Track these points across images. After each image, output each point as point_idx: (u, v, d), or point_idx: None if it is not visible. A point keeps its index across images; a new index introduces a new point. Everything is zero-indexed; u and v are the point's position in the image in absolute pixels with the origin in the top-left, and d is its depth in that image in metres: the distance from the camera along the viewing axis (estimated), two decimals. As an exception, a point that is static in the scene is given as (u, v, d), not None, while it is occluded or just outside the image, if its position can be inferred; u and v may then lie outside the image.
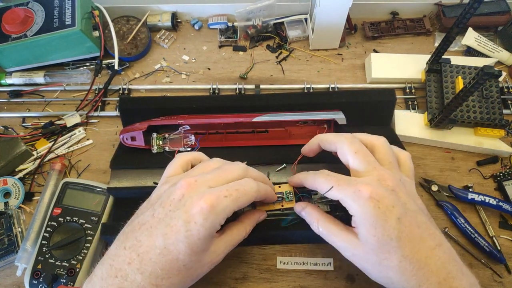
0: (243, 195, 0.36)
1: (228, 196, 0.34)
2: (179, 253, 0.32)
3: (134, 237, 0.33)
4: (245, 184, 0.36)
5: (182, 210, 0.33)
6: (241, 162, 0.41)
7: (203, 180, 0.36)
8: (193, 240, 0.32)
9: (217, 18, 0.69)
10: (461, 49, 0.67)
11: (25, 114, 0.61)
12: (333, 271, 0.48)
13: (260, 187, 0.38)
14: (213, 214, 0.33)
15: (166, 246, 0.32)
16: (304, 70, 0.66)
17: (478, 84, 0.44)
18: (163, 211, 0.34)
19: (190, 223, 0.32)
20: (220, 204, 0.33)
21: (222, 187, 0.35)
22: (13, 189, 0.54)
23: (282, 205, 0.44)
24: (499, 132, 0.56)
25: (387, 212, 0.33)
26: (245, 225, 0.40)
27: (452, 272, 0.34)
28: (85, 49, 0.64)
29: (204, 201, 0.32)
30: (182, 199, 0.34)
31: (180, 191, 0.34)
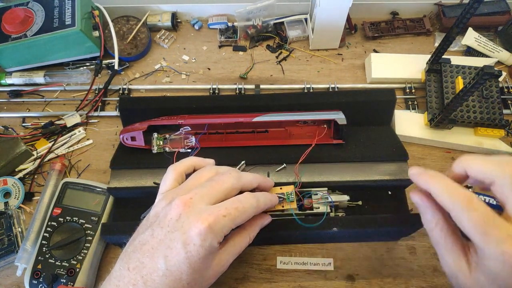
0: (242, 213, 0.35)
1: (227, 215, 0.34)
2: (182, 273, 0.32)
3: (136, 258, 0.33)
4: (245, 202, 0.36)
5: (180, 232, 0.32)
6: (233, 169, 0.40)
7: (198, 196, 0.35)
8: (194, 260, 0.32)
9: (217, 18, 0.69)
10: (461, 49, 0.67)
11: (25, 114, 0.61)
12: (333, 271, 0.48)
13: (259, 202, 0.38)
14: (212, 235, 0.32)
15: (168, 268, 0.32)
16: (304, 70, 0.66)
17: (478, 84, 0.44)
18: (161, 232, 0.33)
19: (189, 245, 0.32)
20: (218, 224, 0.33)
21: (220, 206, 0.34)
22: (13, 189, 0.54)
23: (283, 205, 0.44)
24: (499, 132, 0.56)
25: None
26: (249, 232, 0.40)
27: None
28: (85, 49, 0.64)
29: (201, 223, 0.32)
30: (179, 220, 0.33)
31: (176, 210, 0.34)
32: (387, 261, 0.49)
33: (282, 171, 0.49)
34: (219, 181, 0.37)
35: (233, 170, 0.40)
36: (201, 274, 0.34)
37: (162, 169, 0.49)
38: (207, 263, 0.34)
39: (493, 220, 0.29)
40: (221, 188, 0.36)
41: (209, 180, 0.37)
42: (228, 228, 0.34)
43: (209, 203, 0.35)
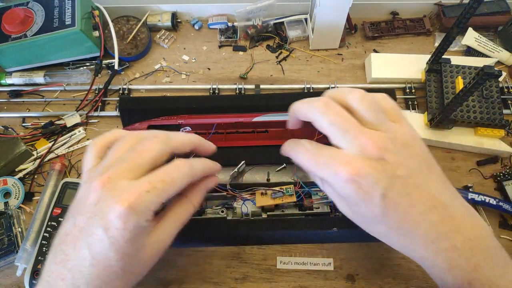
0: (170, 185, 0.31)
1: (151, 190, 0.30)
2: (110, 260, 0.29)
3: (61, 250, 0.30)
4: (173, 171, 0.32)
5: (99, 216, 0.29)
6: (160, 132, 0.35)
7: (118, 173, 0.31)
8: (120, 245, 0.29)
9: (217, 18, 0.69)
10: (461, 49, 0.67)
11: (25, 114, 0.61)
12: (333, 271, 0.48)
13: (194, 169, 0.34)
14: (135, 215, 0.29)
15: (93, 257, 0.29)
16: (304, 70, 0.66)
17: (478, 84, 0.44)
18: (82, 219, 0.30)
19: (111, 230, 0.29)
20: (142, 202, 0.29)
21: (143, 180, 0.30)
22: (13, 189, 0.54)
23: (282, 199, 0.44)
24: (499, 132, 0.56)
25: (370, 191, 0.30)
26: (190, 199, 0.36)
27: (442, 233, 0.31)
28: (85, 49, 0.64)
29: (120, 204, 0.28)
30: (98, 204, 0.30)
31: (95, 194, 0.30)
32: (387, 261, 0.49)
33: (282, 171, 0.49)
34: (141, 150, 0.32)
35: (159, 132, 0.34)
36: (135, 257, 0.31)
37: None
38: (138, 244, 0.30)
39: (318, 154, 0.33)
40: (145, 158, 0.32)
41: (130, 151, 0.33)
42: (156, 203, 0.30)
43: (132, 178, 0.31)
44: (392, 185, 0.30)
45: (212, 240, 0.48)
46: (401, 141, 0.31)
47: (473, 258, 0.31)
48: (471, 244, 0.31)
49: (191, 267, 0.48)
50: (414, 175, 0.31)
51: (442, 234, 0.31)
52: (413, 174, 0.31)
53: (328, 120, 0.32)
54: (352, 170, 0.30)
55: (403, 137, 0.32)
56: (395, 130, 0.32)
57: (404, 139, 0.32)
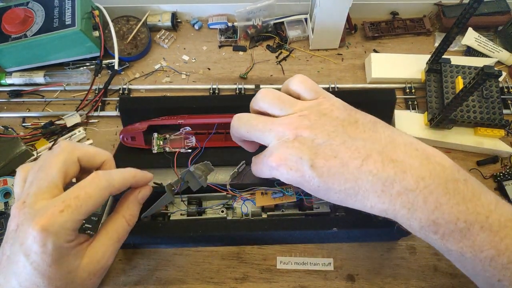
0: (85, 200, 0.30)
1: (65, 209, 0.29)
2: (38, 286, 0.29)
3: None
4: (88, 186, 0.30)
5: (19, 243, 0.28)
6: (64, 141, 0.34)
7: (31, 196, 0.30)
8: (45, 269, 0.28)
9: (217, 18, 0.69)
10: (461, 49, 0.67)
11: (25, 114, 0.61)
12: (333, 271, 0.48)
13: (113, 179, 0.32)
14: (51, 236, 0.28)
15: (20, 284, 0.28)
16: (304, 70, 0.66)
17: (478, 84, 0.44)
18: (7, 247, 0.30)
19: (31, 255, 0.28)
20: (56, 223, 0.28)
21: (57, 200, 0.29)
22: (13, 189, 0.53)
23: (282, 199, 0.44)
24: (499, 132, 0.56)
25: (299, 168, 0.31)
26: (123, 214, 0.35)
27: (388, 177, 0.30)
28: (85, 49, 0.64)
29: (33, 228, 0.27)
30: (17, 230, 0.29)
31: (14, 220, 0.29)
32: (387, 261, 0.49)
33: (282, 171, 0.49)
34: (46, 165, 0.31)
35: (63, 142, 0.33)
36: (65, 279, 0.30)
37: (162, 169, 0.49)
38: (65, 267, 0.30)
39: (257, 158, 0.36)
40: (51, 173, 0.31)
41: (38, 170, 0.31)
42: (72, 221, 0.29)
43: (47, 198, 0.30)
44: (314, 153, 0.31)
45: (212, 240, 0.48)
46: (317, 113, 0.33)
47: (430, 196, 0.29)
48: (425, 182, 0.30)
49: (191, 267, 0.48)
50: (337, 137, 0.32)
51: (388, 180, 0.30)
52: (335, 135, 0.32)
53: (244, 130, 0.35)
54: (276, 158, 0.32)
55: (319, 109, 0.33)
56: (310, 105, 0.34)
57: (320, 109, 0.33)
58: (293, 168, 0.31)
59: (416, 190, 0.30)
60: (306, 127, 0.32)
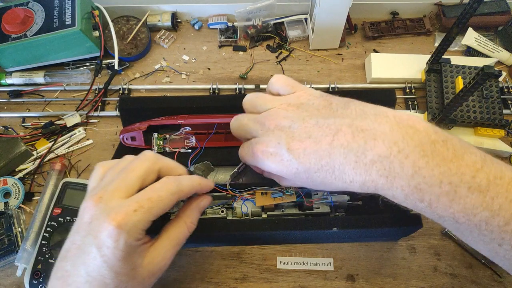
0: (157, 203, 0.32)
1: (138, 209, 0.31)
2: (105, 278, 0.30)
3: (62, 266, 0.32)
4: (160, 189, 0.33)
5: (92, 236, 0.30)
6: (149, 151, 0.36)
7: (109, 192, 0.32)
8: (113, 263, 0.30)
9: (217, 18, 0.69)
10: (461, 49, 0.67)
11: (25, 114, 0.61)
12: (333, 271, 0.48)
13: (181, 185, 0.34)
14: (124, 234, 0.30)
15: (89, 274, 0.30)
16: (304, 70, 0.66)
17: (478, 84, 0.44)
18: (79, 237, 0.31)
19: (103, 248, 0.30)
20: (129, 221, 0.30)
21: (131, 199, 0.31)
22: (13, 189, 0.54)
23: (282, 199, 0.44)
24: (499, 132, 0.56)
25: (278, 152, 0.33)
26: (185, 220, 0.37)
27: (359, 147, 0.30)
28: (85, 49, 0.64)
29: (109, 223, 0.29)
30: (91, 222, 0.31)
31: (88, 213, 0.31)
32: (387, 261, 0.49)
33: (282, 171, 0.49)
34: (129, 168, 0.33)
35: (149, 152, 0.36)
36: (130, 276, 0.32)
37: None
38: (132, 263, 0.31)
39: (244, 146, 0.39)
40: (133, 177, 0.33)
41: (121, 171, 0.34)
42: (144, 222, 0.31)
43: (123, 197, 0.32)
44: (291, 137, 0.33)
45: (212, 240, 0.48)
46: (295, 104, 0.35)
47: (406, 160, 0.28)
48: (398, 147, 0.29)
49: (191, 267, 0.48)
50: (311, 119, 0.33)
51: (360, 150, 0.30)
52: (309, 119, 0.33)
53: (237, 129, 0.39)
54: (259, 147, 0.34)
55: (297, 100, 0.35)
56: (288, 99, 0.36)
57: (298, 101, 0.35)
58: (273, 153, 0.33)
59: (390, 156, 0.29)
60: (284, 116, 0.34)
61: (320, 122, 0.32)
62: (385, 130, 0.30)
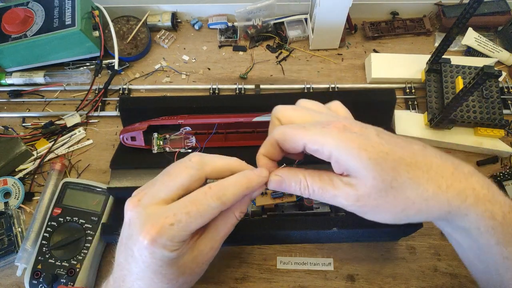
0: (196, 218, 0.29)
1: (175, 223, 0.28)
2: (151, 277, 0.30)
3: (117, 256, 0.32)
4: (200, 203, 0.30)
5: (132, 240, 0.30)
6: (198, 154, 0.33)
7: (148, 196, 0.30)
8: (155, 268, 0.29)
9: (217, 18, 0.69)
10: (461, 49, 0.67)
11: (25, 114, 0.61)
12: (333, 271, 0.48)
13: (226, 196, 0.31)
14: (159, 248, 0.28)
15: (137, 272, 0.30)
16: (304, 70, 0.66)
17: (478, 84, 0.44)
18: (123, 235, 0.31)
19: (142, 256, 0.29)
20: (165, 236, 0.28)
21: (168, 211, 0.29)
22: (13, 189, 0.54)
23: (282, 199, 0.44)
24: (499, 132, 0.56)
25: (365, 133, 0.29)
26: (234, 210, 0.34)
27: (454, 161, 0.30)
28: (85, 49, 0.64)
29: (143, 236, 0.28)
30: (130, 226, 0.30)
31: (128, 214, 0.30)
32: (387, 261, 0.49)
33: (282, 171, 0.49)
34: (172, 173, 0.31)
35: (195, 156, 0.33)
36: (177, 274, 0.31)
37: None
38: (175, 265, 0.30)
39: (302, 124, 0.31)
40: (174, 184, 0.31)
41: (162, 173, 0.32)
42: (180, 236, 0.29)
43: (161, 203, 0.30)
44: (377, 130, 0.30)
45: (212, 240, 0.48)
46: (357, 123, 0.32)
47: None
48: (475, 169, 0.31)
49: (191, 267, 0.48)
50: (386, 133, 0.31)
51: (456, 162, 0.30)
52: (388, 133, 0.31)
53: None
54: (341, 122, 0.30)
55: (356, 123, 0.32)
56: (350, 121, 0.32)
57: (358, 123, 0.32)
58: (357, 132, 0.29)
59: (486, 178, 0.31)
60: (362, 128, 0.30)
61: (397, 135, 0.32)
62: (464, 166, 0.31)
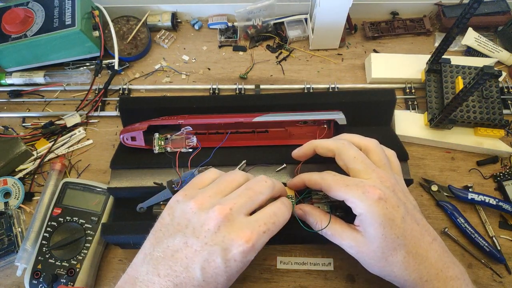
0: (278, 226, 0.36)
1: (266, 231, 0.34)
2: (217, 283, 0.33)
3: (168, 265, 0.32)
4: (280, 216, 0.36)
5: (221, 247, 0.32)
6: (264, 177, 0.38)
7: (237, 207, 0.34)
8: (232, 273, 0.33)
9: (217, 18, 0.69)
10: (461, 49, 0.67)
11: (25, 114, 0.61)
12: (333, 271, 0.48)
13: (290, 208, 0.39)
14: (253, 252, 0.33)
15: (204, 279, 0.32)
16: (304, 70, 0.66)
17: (478, 84, 0.44)
18: (197, 243, 0.32)
19: (230, 261, 0.32)
20: (260, 241, 0.33)
21: (260, 221, 0.34)
22: (13, 189, 0.54)
23: None
24: (499, 132, 0.56)
25: (393, 212, 0.36)
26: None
27: (446, 263, 0.37)
28: (85, 49, 0.64)
29: (245, 241, 0.32)
30: (219, 232, 0.33)
31: (215, 221, 0.33)
32: (387, 261, 0.49)
33: (282, 171, 0.49)
34: (256, 190, 0.36)
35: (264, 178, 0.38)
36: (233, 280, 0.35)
37: (162, 169, 0.49)
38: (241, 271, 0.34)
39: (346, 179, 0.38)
40: (258, 199, 0.36)
41: (246, 189, 0.36)
42: (265, 242, 0.34)
43: (246, 214, 0.35)
44: (406, 213, 0.37)
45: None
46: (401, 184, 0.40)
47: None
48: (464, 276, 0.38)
49: (191, 267, 0.48)
50: (416, 211, 0.39)
51: (446, 264, 0.37)
52: (415, 210, 0.39)
53: (353, 153, 0.39)
54: (381, 192, 0.36)
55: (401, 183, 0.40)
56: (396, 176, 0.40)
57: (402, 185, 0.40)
58: (388, 209, 0.36)
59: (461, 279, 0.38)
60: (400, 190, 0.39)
61: (423, 220, 0.39)
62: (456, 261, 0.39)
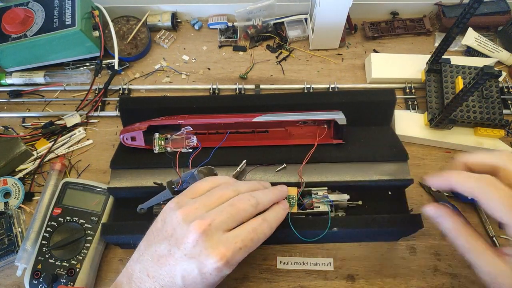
0: (256, 243, 0.36)
1: (243, 248, 0.34)
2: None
3: (154, 268, 0.34)
4: (260, 232, 0.36)
5: (197, 260, 0.33)
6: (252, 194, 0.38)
7: (217, 223, 0.35)
8: (210, 283, 0.34)
9: (217, 18, 0.69)
10: (461, 49, 0.67)
11: (25, 114, 0.61)
12: (333, 271, 0.48)
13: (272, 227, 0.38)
14: (228, 267, 0.34)
15: (185, 286, 0.34)
16: (304, 70, 0.66)
17: (478, 84, 0.44)
18: (178, 253, 0.34)
19: (206, 274, 0.33)
20: (235, 258, 0.34)
21: (237, 237, 0.35)
22: (13, 189, 0.54)
23: None
24: (499, 132, 0.56)
25: None
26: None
27: None
28: (85, 49, 0.64)
29: (220, 258, 0.33)
30: (196, 246, 0.33)
31: (194, 235, 0.34)
32: (387, 261, 0.49)
33: (282, 171, 0.49)
34: (239, 207, 0.36)
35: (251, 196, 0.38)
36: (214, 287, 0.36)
37: (162, 169, 0.49)
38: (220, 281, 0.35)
39: None
40: (239, 217, 0.36)
41: (229, 205, 0.37)
42: (242, 258, 0.35)
43: (225, 230, 0.35)
44: None
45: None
46: None
47: None
48: None
49: (191, 267, 0.48)
50: None
51: None
52: None
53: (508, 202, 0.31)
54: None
55: None
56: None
57: None
58: None
59: None
60: None
61: None
62: None
